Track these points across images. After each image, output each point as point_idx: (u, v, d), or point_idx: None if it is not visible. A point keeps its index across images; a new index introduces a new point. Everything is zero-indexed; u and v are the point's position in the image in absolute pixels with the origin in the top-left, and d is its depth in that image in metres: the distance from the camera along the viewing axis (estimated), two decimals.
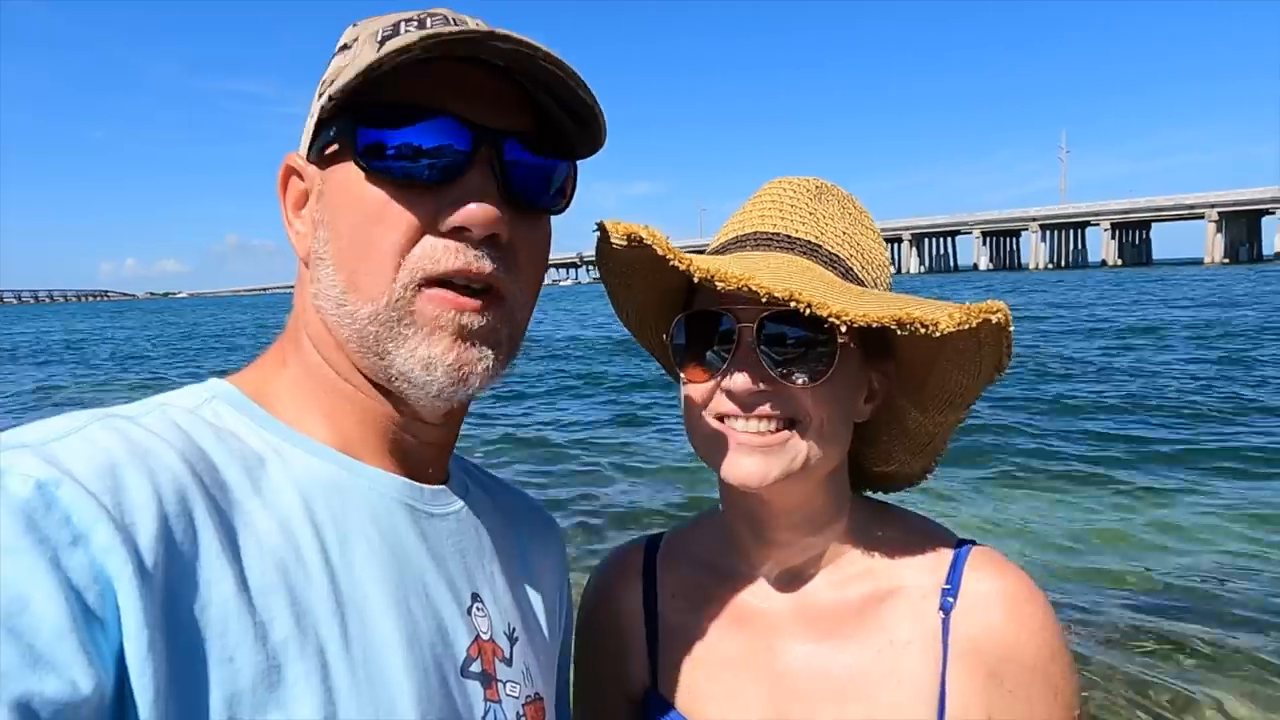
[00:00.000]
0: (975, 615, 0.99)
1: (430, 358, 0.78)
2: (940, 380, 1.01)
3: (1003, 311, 0.87)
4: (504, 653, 0.88)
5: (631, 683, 1.18)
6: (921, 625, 1.01)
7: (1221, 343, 18.84)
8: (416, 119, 0.76)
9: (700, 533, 1.22)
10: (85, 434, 0.66)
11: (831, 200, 1.06)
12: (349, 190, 0.78)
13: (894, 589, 1.04)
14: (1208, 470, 8.09)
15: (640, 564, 1.21)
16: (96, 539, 0.59)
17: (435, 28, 0.77)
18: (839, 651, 1.04)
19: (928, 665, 0.99)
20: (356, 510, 0.78)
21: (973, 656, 0.98)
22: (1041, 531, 6.51)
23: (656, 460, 9.25)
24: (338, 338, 0.81)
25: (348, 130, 0.77)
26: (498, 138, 0.79)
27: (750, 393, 0.95)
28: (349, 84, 0.73)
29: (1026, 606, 0.99)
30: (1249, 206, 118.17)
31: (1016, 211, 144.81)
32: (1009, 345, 0.91)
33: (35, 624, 0.54)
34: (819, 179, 1.08)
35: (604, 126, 0.84)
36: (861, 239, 1.05)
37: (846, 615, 1.05)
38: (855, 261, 1.02)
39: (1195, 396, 12.06)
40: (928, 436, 1.09)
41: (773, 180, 1.09)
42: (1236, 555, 5.88)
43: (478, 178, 0.78)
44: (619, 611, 1.19)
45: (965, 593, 1.00)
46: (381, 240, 0.76)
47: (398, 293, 0.76)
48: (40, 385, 19.94)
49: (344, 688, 0.69)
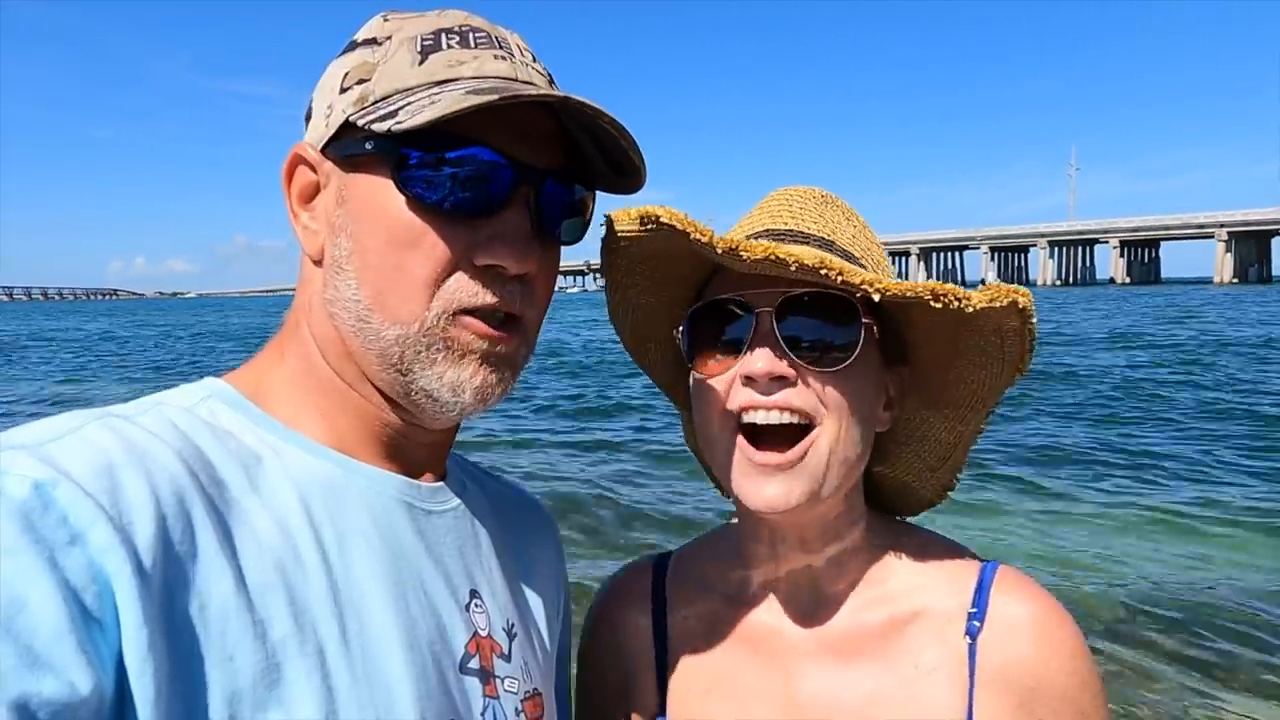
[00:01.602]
0: (1004, 641, 0.94)
1: (459, 381, 0.79)
2: (960, 381, 0.98)
3: (1027, 296, 0.84)
4: (502, 649, 0.88)
5: (639, 709, 1.12)
6: (946, 651, 0.96)
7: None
8: (461, 147, 0.76)
9: (711, 551, 1.16)
10: (82, 434, 0.66)
11: (837, 208, 1.05)
12: (380, 208, 0.77)
13: (917, 612, 1.00)
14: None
15: (649, 585, 1.16)
16: (94, 539, 0.59)
17: (480, 48, 0.78)
18: (860, 677, 0.99)
19: (954, 693, 0.95)
20: (354, 508, 0.78)
21: (1001, 684, 0.94)
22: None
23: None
24: (351, 346, 0.81)
25: (388, 148, 0.76)
26: (538, 176, 0.79)
27: (770, 376, 0.90)
28: (416, 125, 0.70)
29: (1058, 632, 0.95)
30: (1259, 226, 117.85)
31: (1025, 227, 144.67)
32: (1032, 338, 0.88)
33: (33, 625, 0.54)
34: (821, 189, 1.07)
35: (644, 179, 0.86)
36: (865, 241, 1.04)
37: (867, 639, 1.00)
38: (868, 261, 1.01)
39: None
40: (947, 448, 1.06)
41: (778, 189, 1.08)
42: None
43: (515, 215, 0.78)
44: (626, 635, 1.14)
45: (993, 617, 0.96)
46: (415, 268, 0.77)
47: (430, 321, 0.77)
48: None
49: (343, 685, 0.69)
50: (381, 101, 0.77)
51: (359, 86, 0.78)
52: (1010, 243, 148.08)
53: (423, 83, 0.76)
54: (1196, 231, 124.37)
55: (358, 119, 0.77)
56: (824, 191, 1.07)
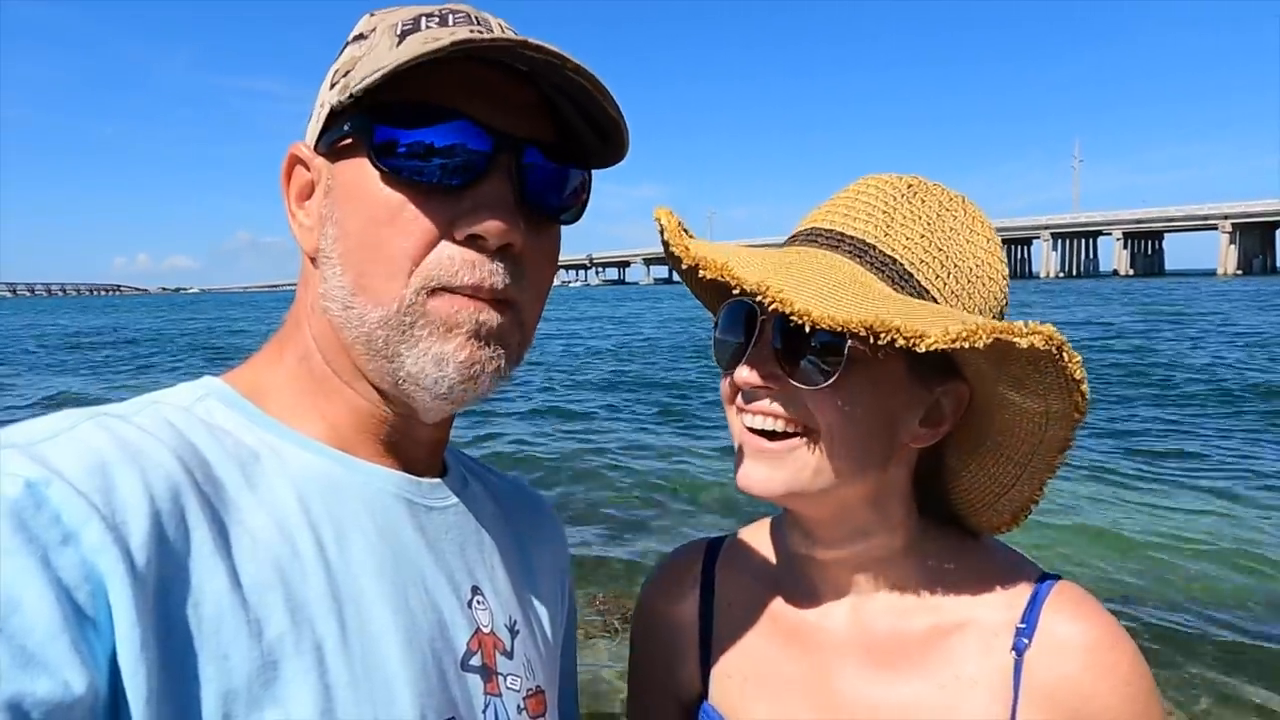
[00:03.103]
0: (1052, 659, 0.91)
1: (443, 354, 0.76)
2: (1007, 413, 0.91)
3: (1042, 334, 0.76)
4: (505, 645, 0.87)
5: (685, 691, 1.14)
6: (991, 664, 0.94)
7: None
8: (436, 120, 0.74)
9: (762, 539, 1.15)
10: (75, 433, 0.65)
11: (922, 201, 0.95)
12: (360, 188, 0.76)
13: (963, 622, 0.97)
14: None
15: (699, 569, 1.16)
16: (87, 538, 0.58)
17: (458, 26, 0.76)
18: (899, 682, 0.97)
19: (995, 708, 0.92)
20: (353, 505, 0.78)
21: (1047, 704, 0.90)
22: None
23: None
24: (343, 339, 0.80)
25: (363, 127, 0.75)
26: (518, 144, 0.77)
27: (756, 387, 0.91)
28: (371, 82, 0.71)
29: (1110, 655, 0.90)
30: (1263, 218, 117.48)
31: (1028, 220, 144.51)
32: (1074, 380, 0.80)
33: (26, 624, 0.54)
34: (917, 177, 0.99)
35: (627, 141, 0.83)
36: (952, 247, 0.94)
37: (909, 645, 0.98)
38: (927, 269, 0.92)
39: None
40: (1007, 478, 0.98)
41: (864, 176, 1.01)
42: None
43: (495, 185, 0.76)
44: (674, 617, 1.15)
45: (1042, 633, 0.92)
46: (393, 243, 0.75)
47: (409, 298, 0.75)
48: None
49: (341, 683, 0.68)
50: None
51: (344, 79, 0.77)
52: (1014, 235, 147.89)
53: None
54: (1200, 223, 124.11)
55: (335, 105, 0.76)
56: (915, 181, 0.98)
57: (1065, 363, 0.79)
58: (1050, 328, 0.77)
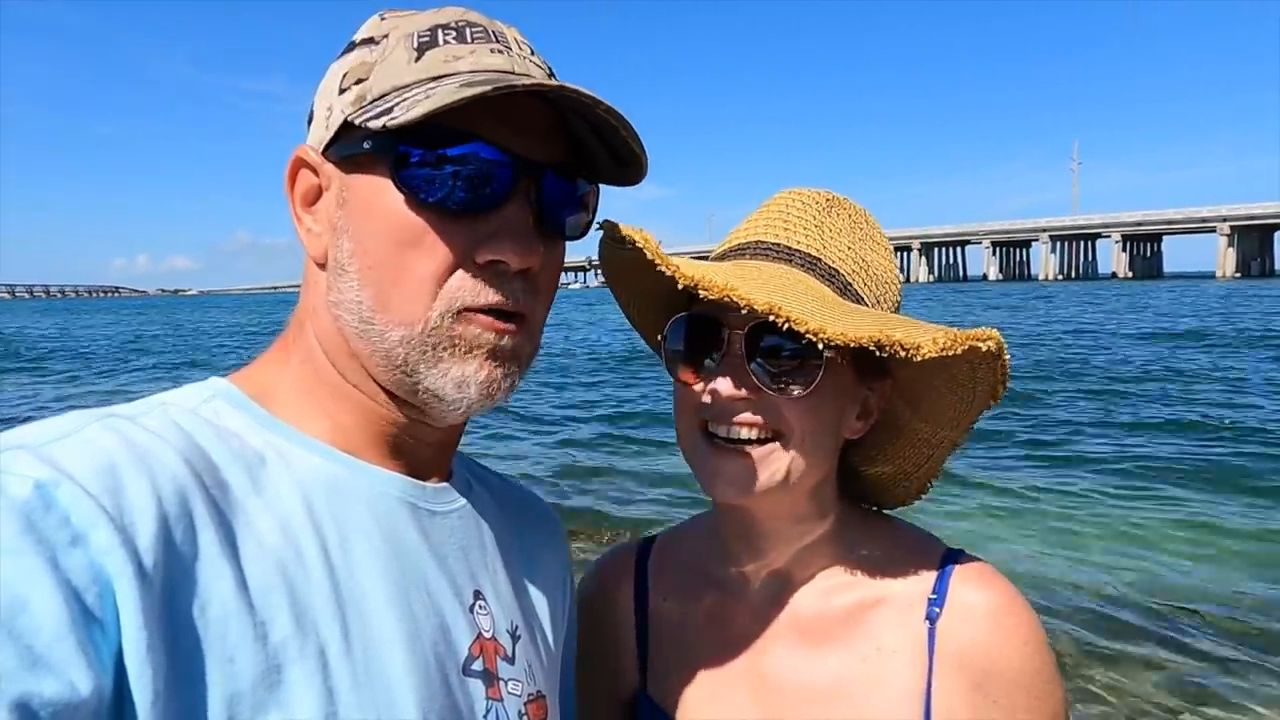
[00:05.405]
0: (961, 626, 0.99)
1: (464, 377, 0.78)
2: (935, 402, 1.01)
3: (994, 339, 0.87)
4: (506, 651, 0.87)
5: (623, 684, 1.19)
6: (908, 634, 1.02)
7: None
8: (459, 143, 0.75)
9: (692, 535, 1.23)
10: (84, 435, 0.66)
11: (840, 214, 1.06)
12: (381, 208, 0.77)
13: (881, 597, 1.05)
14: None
15: (633, 566, 1.22)
16: (95, 540, 0.58)
17: (477, 43, 0.78)
18: (825, 657, 1.05)
19: (914, 674, 1.00)
20: (358, 509, 0.78)
21: (958, 667, 0.99)
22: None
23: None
24: (355, 348, 0.81)
25: (385, 147, 0.75)
26: (539, 170, 0.79)
27: (734, 399, 0.96)
28: (411, 119, 0.70)
29: (1010, 619, 0.99)
30: (1261, 220, 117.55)
31: (1027, 222, 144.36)
32: (1004, 374, 0.92)
33: (34, 625, 0.54)
34: (830, 192, 1.08)
35: (645, 169, 0.85)
36: (869, 255, 1.04)
37: (833, 622, 1.06)
38: (857, 278, 1.03)
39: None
40: (928, 447, 1.09)
41: (783, 191, 1.09)
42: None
43: (516, 210, 0.78)
44: (611, 614, 1.21)
45: (951, 603, 1.01)
46: (416, 267, 0.76)
47: (434, 321, 0.76)
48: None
49: (344, 687, 0.69)
50: (378, 100, 0.76)
51: (357, 86, 0.78)
52: (1012, 237, 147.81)
53: (419, 79, 0.76)
54: (1199, 225, 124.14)
55: (355, 118, 0.76)
56: (830, 195, 1.07)
57: (1003, 360, 0.91)
58: (995, 332, 0.88)
